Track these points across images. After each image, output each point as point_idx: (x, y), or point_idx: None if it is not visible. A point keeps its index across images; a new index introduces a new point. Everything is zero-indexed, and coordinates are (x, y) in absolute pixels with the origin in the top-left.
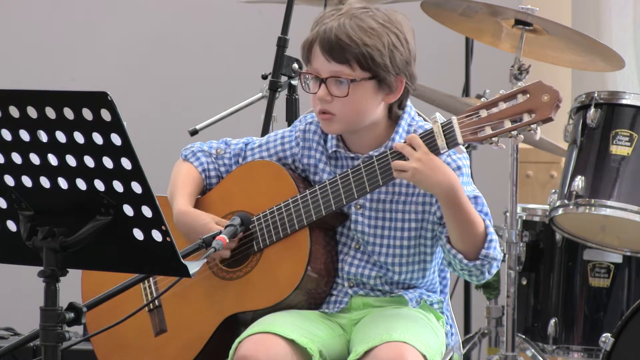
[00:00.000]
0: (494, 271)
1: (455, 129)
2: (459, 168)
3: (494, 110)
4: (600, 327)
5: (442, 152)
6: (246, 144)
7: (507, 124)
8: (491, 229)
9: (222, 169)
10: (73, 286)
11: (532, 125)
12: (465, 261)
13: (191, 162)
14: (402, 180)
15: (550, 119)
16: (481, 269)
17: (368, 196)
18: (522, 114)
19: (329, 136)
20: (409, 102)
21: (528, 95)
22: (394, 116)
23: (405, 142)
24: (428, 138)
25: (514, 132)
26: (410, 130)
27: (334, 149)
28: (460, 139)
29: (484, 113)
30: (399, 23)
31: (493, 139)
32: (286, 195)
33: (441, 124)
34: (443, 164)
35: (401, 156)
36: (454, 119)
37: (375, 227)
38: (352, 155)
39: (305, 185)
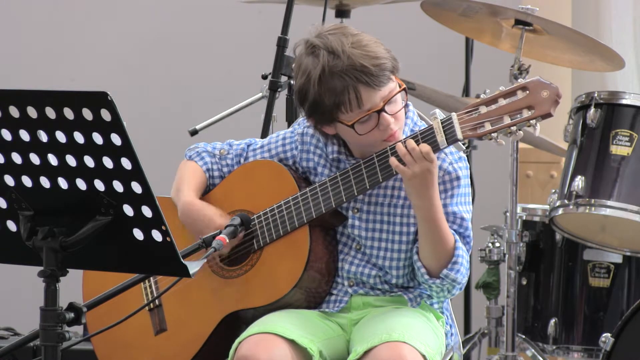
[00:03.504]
0: (455, 292)
1: (455, 125)
2: (457, 178)
3: (494, 106)
4: (600, 327)
5: (441, 148)
6: (248, 145)
7: (507, 120)
8: (460, 252)
9: (225, 169)
10: (73, 286)
11: (531, 121)
12: (426, 276)
13: (195, 161)
14: (401, 183)
15: (549, 115)
16: (441, 287)
17: (366, 199)
18: (522, 110)
19: (329, 141)
20: (411, 107)
21: (527, 92)
22: None
23: (405, 142)
24: (428, 134)
25: (514, 128)
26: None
27: (335, 155)
28: (459, 135)
29: (483, 109)
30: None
31: (492, 134)
32: (287, 194)
33: (441, 120)
34: (435, 183)
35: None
36: (454, 115)
37: (373, 230)
38: (353, 161)
39: (306, 184)
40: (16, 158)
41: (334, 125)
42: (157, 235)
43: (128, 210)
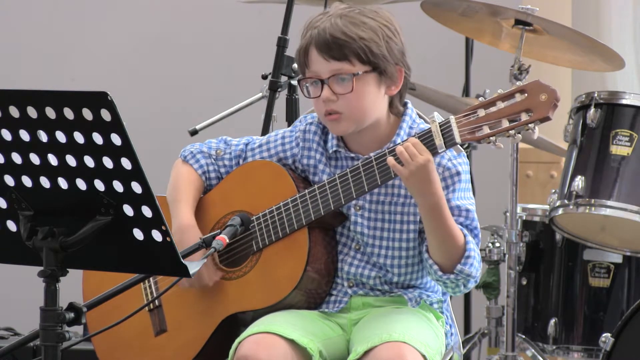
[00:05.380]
0: (470, 286)
1: (453, 128)
2: (458, 174)
3: (492, 109)
4: (600, 327)
5: (439, 151)
6: (246, 145)
7: (505, 124)
8: (471, 246)
9: (222, 170)
10: (73, 286)
11: (529, 125)
12: (439, 273)
13: (190, 164)
14: (401, 182)
15: (547, 118)
16: (456, 282)
17: (367, 197)
18: (520, 113)
19: (330, 136)
20: (410, 105)
21: (526, 95)
22: (395, 112)
23: (403, 143)
24: (426, 138)
25: (512, 132)
26: (412, 132)
27: (334, 148)
28: (458, 139)
29: (481, 112)
30: (387, 17)
31: (491, 138)
32: (286, 195)
33: (439, 123)
34: (434, 177)
35: None
36: (452, 118)
37: (375, 228)
38: (352, 155)
39: (305, 185)
40: (16, 158)
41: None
42: (157, 235)
43: (128, 210)
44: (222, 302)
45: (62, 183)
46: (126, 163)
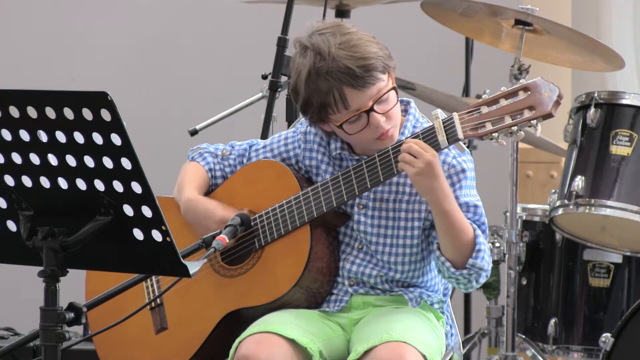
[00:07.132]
0: (482, 280)
1: (456, 124)
2: (463, 171)
3: (495, 107)
4: (600, 327)
5: (442, 147)
6: (250, 145)
7: (508, 120)
8: (481, 239)
9: (228, 169)
10: (73, 286)
11: (532, 122)
12: (452, 269)
13: (198, 161)
14: (405, 179)
15: (550, 115)
16: (468, 278)
17: (371, 195)
18: (523, 111)
19: (331, 138)
20: (413, 103)
21: (529, 92)
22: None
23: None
24: (429, 134)
25: (515, 128)
26: (415, 131)
27: (338, 151)
28: (460, 135)
29: (484, 109)
30: (352, 25)
31: (494, 134)
32: (289, 194)
33: (442, 119)
34: (441, 172)
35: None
36: (455, 114)
37: (379, 226)
38: (356, 157)
39: (308, 184)
40: (16, 158)
41: (328, 123)
42: (157, 235)
43: (128, 210)
44: (222, 299)
45: (62, 183)
46: (126, 163)
